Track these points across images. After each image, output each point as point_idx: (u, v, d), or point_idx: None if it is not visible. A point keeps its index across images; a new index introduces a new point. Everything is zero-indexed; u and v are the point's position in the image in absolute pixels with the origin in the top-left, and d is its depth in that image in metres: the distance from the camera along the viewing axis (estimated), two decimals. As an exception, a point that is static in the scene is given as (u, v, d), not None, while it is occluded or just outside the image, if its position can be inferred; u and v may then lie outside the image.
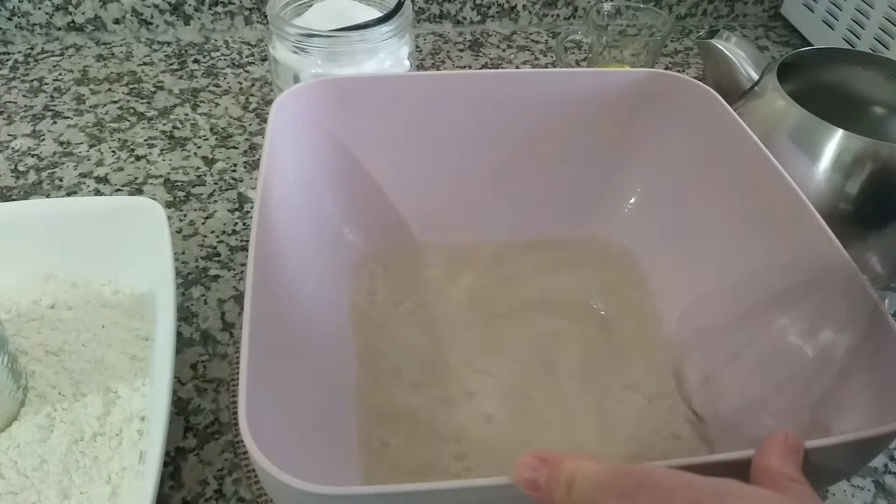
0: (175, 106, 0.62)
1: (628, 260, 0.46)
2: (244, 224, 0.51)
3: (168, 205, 0.52)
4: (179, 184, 0.54)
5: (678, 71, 0.62)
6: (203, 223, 0.51)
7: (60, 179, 0.54)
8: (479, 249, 0.47)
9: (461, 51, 0.71)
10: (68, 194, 0.52)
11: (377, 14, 0.52)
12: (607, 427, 0.38)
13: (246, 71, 0.66)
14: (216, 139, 0.58)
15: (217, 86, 0.64)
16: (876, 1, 0.61)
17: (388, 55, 0.52)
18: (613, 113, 0.45)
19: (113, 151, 0.56)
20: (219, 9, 0.70)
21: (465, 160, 0.45)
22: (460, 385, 0.39)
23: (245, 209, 0.52)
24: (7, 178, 0.54)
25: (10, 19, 0.68)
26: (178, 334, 0.42)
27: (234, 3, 0.70)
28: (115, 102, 0.62)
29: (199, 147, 0.57)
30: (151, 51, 0.69)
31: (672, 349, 0.41)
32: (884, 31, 0.61)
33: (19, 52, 0.68)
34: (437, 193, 0.46)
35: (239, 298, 0.45)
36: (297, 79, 0.51)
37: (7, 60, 0.66)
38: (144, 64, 0.67)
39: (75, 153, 0.56)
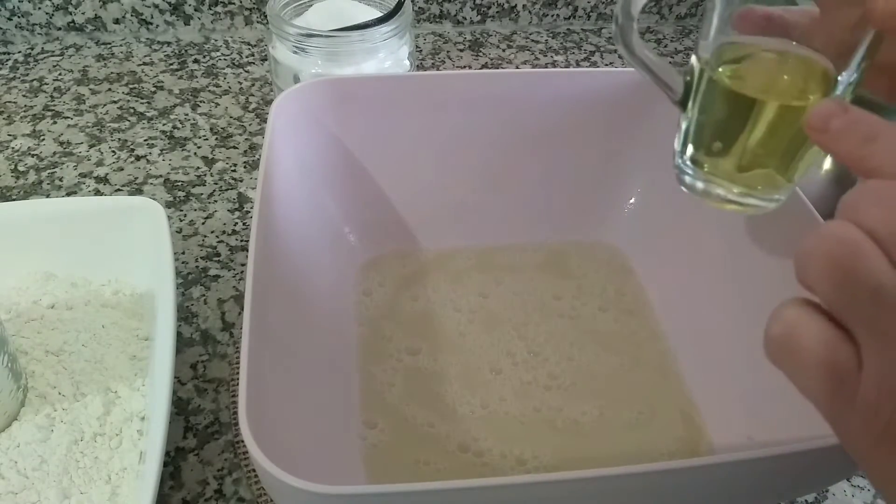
0: (175, 106, 0.62)
1: (628, 261, 0.46)
2: (244, 224, 0.51)
3: (168, 205, 0.52)
4: (179, 184, 0.54)
5: (678, 71, 0.62)
6: (203, 223, 0.51)
7: (60, 179, 0.54)
8: (479, 251, 0.47)
9: (461, 51, 0.71)
10: (68, 194, 0.52)
11: (377, 14, 0.52)
12: (606, 434, 0.38)
13: (246, 71, 0.66)
14: (216, 139, 0.58)
15: (217, 86, 0.64)
16: (876, 1, 0.61)
17: (388, 55, 0.52)
18: (614, 113, 0.45)
19: (113, 151, 0.56)
20: (219, 9, 0.70)
21: (464, 160, 0.45)
22: (461, 386, 0.39)
23: (245, 209, 0.52)
24: (7, 178, 0.54)
25: (10, 19, 0.68)
26: (178, 334, 0.42)
27: (234, 3, 0.70)
28: (115, 102, 0.62)
29: (199, 147, 0.57)
30: (151, 51, 0.69)
31: (672, 353, 0.41)
32: (884, 31, 0.61)
33: (19, 52, 0.68)
34: (438, 193, 0.46)
35: (239, 298, 0.45)
36: (297, 79, 0.51)
37: (7, 60, 0.67)
38: (144, 64, 0.67)
39: (75, 153, 0.56)
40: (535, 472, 0.35)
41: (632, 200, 0.47)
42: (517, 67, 0.69)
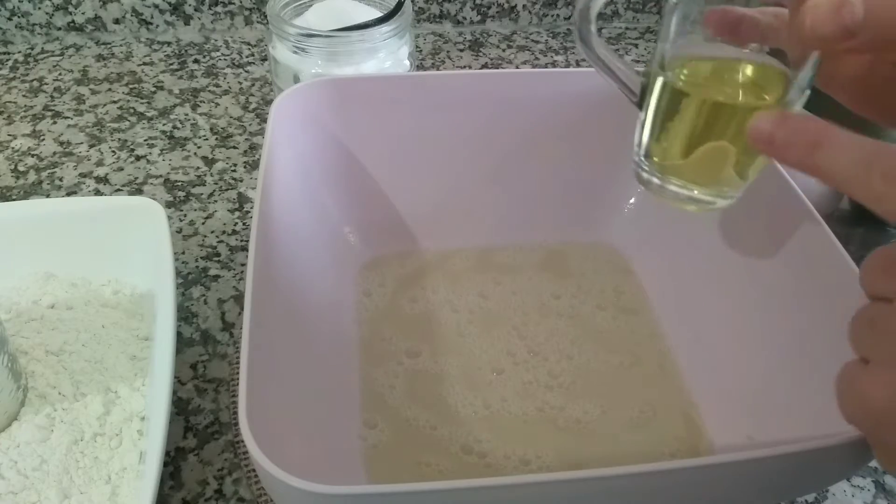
0: (175, 106, 0.62)
1: (627, 262, 0.46)
2: (244, 224, 0.51)
3: (168, 205, 0.52)
4: (179, 184, 0.54)
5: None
6: (203, 223, 0.51)
7: (60, 179, 0.54)
8: (479, 251, 0.47)
9: (461, 51, 0.71)
10: (68, 194, 0.52)
11: (377, 14, 0.52)
12: (607, 433, 0.38)
13: (246, 71, 0.66)
14: (216, 139, 0.58)
15: (217, 86, 0.64)
16: (876, 1, 0.61)
17: (388, 55, 0.52)
18: (613, 113, 0.45)
19: (113, 151, 0.56)
20: (219, 9, 0.70)
21: (464, 160, 0.45)
22: (463, 387, 0.39)
23: (245, 209, 0.52)
24: (7, 178, 0.54)
25: (10, 19, 0.68)
26: (178, 334, 0.42)
27: (234, 3, 0.70)
28: (115, 102, 0.62)
29: (199, 147, 0.57)
30: (151, 51, 0.69)
31: (671, 352, 0.41)
32: (884, 32, 0.61)
33: (19, 52, 0.68)
34: (438, 194, 0.46)
35: (239, 298, 0.45)
36: (297, 79, 0.51)
37: (7, 60, 0.66)
38: (144, 64, 0.67)
39: (75, 153, 0.56)
40: (539, 473, 0.35)
41: (632, 201, 0.47)
42: (517, 67, 0.69)
